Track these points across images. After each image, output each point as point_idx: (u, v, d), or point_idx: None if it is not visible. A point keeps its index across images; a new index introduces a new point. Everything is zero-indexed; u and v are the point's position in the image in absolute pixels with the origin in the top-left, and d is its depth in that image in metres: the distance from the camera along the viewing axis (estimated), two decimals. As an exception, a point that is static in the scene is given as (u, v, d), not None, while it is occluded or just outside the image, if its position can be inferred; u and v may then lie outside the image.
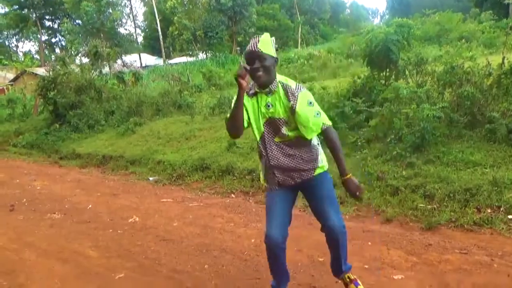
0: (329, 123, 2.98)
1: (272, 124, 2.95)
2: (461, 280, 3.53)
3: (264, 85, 2.89)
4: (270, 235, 3.01)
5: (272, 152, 3.01)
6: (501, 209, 4.68)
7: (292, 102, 2.87)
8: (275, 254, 3.10)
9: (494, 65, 7.28)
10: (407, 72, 8.50)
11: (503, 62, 7.05)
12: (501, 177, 5.09)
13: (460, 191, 5.07)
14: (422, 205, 5.11)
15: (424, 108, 6.43)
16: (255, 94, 2.97)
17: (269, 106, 2.93)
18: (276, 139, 2.99)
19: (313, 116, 2.88)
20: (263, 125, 2.97)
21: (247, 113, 2.98)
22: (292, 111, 2.88)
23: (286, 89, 2.91)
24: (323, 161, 3.13)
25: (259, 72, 2.82)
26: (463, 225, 4.58)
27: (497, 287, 3.38)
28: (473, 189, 5.03)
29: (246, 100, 2.96)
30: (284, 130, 2.94)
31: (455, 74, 7.24)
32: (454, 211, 4.85)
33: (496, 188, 4.93)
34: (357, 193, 3.00)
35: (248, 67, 2.77)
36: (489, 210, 4.72)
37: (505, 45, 9.24)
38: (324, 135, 2.97)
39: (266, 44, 2.85)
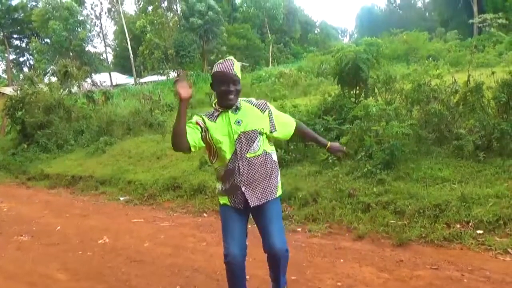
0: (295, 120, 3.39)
1: (246, 138, 3.03)
2: (432, 296, 3.56)
3: (230, 107, 3.02)
4: (232, 253, 3.04)
5: (243, 168, 3.04)
6: (470, 224, 4.74)
7: (266, 111, 3.13)
8: (237, 274, 3.13)
9: (460, 82, 7.43)
10: (376, 90, 8.63)
11: (468, 80, 7.20)
12: (469, 193, 5.16)
13: (429, 207, 5.13)
14: (393, 221, 5.15)
15: (393, 125, 6.54)
16: (220, 114, 3.06)
17: (239, 122, 3.03)
18: (248, 155, 3.04)
19: (284, 117, 3.32)
20: (235, 142, 3.01)
21: (201, 136, 3.04)
22: (270, 117, 3.15)
23: (250, 103, 3.14)
24: (280, 183, 3.28)
25: (232, 95, 2.96)
26: (433, 240, 4.62)
27: (468, 301, 3.42)
28: (442, 205, 5.09)
29: (208, 124, 3.05)
30: (258, 141, 3.06)
31: (423, 91, 7.38)
32: (424, 226, 4.89)
33: (464, 203, 5.00)
34: (342, 151, 3.50)
35: (182, 73, 2.82)
36: (458, 226, 4.78)
37: (470, 63, 9.47)
38: (297, 129, 3.32)
39: (238, 68, 2.99)
